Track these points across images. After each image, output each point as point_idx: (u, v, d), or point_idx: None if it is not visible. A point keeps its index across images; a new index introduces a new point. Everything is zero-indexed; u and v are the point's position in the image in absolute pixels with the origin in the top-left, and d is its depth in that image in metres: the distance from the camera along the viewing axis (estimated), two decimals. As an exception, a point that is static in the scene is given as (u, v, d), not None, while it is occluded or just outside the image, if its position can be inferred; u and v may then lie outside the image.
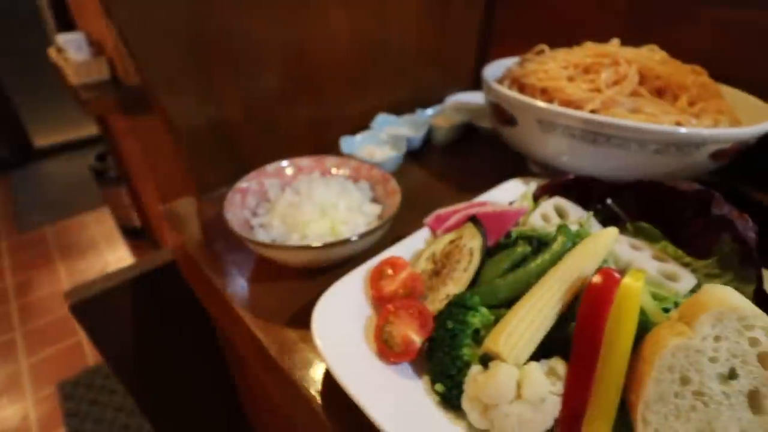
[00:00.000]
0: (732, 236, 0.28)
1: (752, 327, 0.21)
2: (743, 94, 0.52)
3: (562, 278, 0.26)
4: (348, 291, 0.32)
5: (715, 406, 0.20)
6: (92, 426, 1.40)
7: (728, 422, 0.20)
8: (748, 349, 0.21)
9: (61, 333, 1.73)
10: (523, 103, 0.47)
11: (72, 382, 1.53)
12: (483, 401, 0.23)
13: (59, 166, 2.47)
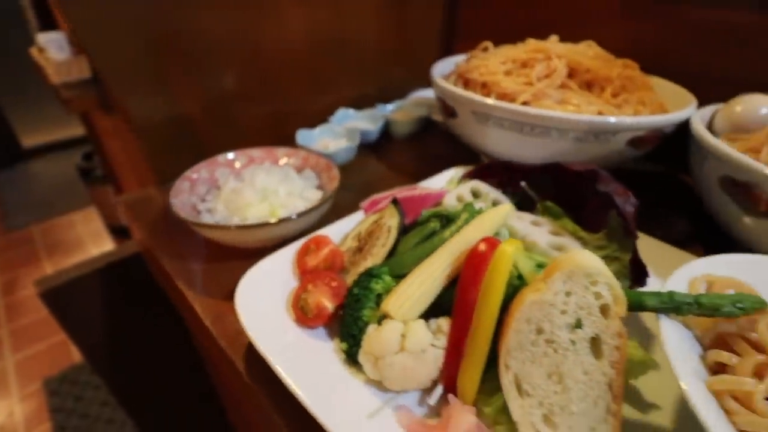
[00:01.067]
0: (616, 211, 0.32)
1: (596, 283, 0.24)
2: (678, 87, 0.55)
3: (452, 248, 0.29)
4: (275, 267, 0.35)
5: (563, 351, 0.24)
6: (78, 421, 1.42)
7: (573, 365, 0.23)
8: (593, 301, 0.24)
9: (47, 331, 1.75)
10: (459, 96, 0.50)
11: (57, 379, 1.55)
12: (374, 354, 0.27)
13: (46, 166, 2.49)
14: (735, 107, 0.48)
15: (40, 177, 2.44)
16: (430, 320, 0.28)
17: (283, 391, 0.27)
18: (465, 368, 0.26)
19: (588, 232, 0.34)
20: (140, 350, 0.73)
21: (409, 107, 0.73)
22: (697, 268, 0.29)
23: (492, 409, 0.25)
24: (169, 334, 0.72)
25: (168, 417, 0.82)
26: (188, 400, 0.81)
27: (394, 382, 0.26)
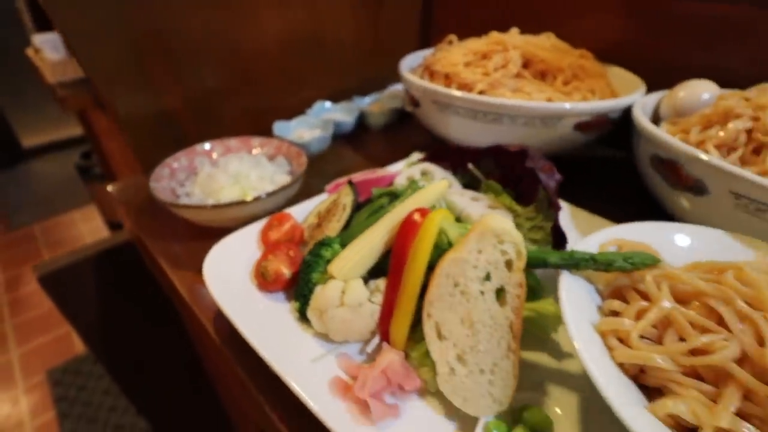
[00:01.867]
0: (540, 185, 0.35)
1: (503, 242, 0.28)
2: (633, 76, 0.59)
3: (391, 219, 0.33)
4: (242, 241, 0.39)
5: (474, 300, 0.28)
6: (81, 409, 1.48)
7: (482, 312, 0.27)
8: (499, 258, 0.28)
9: (49, 324, 1.81)
10: (419, 87, 0.54)
11: (61, 369, 1.61)
12: (319, 309, 0.31)
13: (47, 166, 2.54)
14: (678, 93, 0.51)
15: (40, 176, 2.50)
16: (370, 281, 0.32)
17: (245, 347, 0.31)
18: (396, 320, 0.30)
19: (522, 206, 0.38)
20: (133, 330, 0.77)
21: (384, 100, 0.77)
22: (610, 233, 0.33)
23: (418, 354, 0.29)
24: (159, 315, 0.77)
25: (161, 393, 0.87)
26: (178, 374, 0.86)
27: (337, 333, 0.31)
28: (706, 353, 0.23)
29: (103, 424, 1.44)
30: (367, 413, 0.26)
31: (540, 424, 0.26)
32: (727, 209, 0.35)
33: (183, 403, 0.91)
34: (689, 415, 0.21)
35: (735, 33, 0.53)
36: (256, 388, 0.31)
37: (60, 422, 1.44)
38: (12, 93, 2.33)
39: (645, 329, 0.25)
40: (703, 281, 0.26)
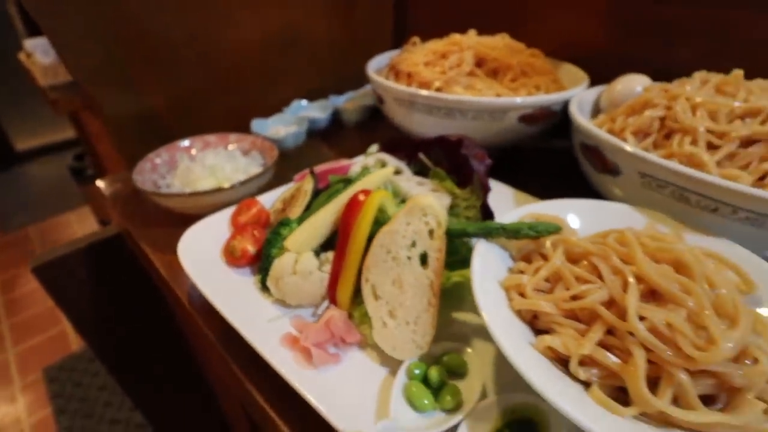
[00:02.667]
0: (472, 169, 0.41)
1: (427, 215, 0.33)
2: (583, 72, 0.64)
3: (341, 199, 0.38)
4: (214, 224, 0.44)
5: (402, 264, 0.33)
6: (77, 405, 1.52)
7: (408, 274, 0.32)
8: (424, 228, 0.33)
9: (45, 324, 1.85)
10: (381, 85, 0.59)
11: (57, 367, 1.65)
12: (276, 277, 0.36)
13: (40, 169, 2.58)
14: (616, 86, 0.56)
15: (34, 179, 2.54)
16: (322, 254, 0.38)
17: (215, 315, 0.36)
18: (341, 284, 0.35)
19: (460, 189, 0.43)
20: (124, 319, 0.82)
21: (359, 97, 0.82)
22: (530, 208, 0.38)
23: (359, 313, 0.34)
24: (148, 305, 0.81)
25: (152, 381, 0.91)
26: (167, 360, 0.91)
27: (291, 297, 0.36)
28: (588, 302, 0.28)
29: (99, 418, 1.48)
30: (311, 359, 0.31)
31: (455, 366, 0.31)
32: (636, 187, 0.40)
33: (175, 390, 0.96)
34: (561, 347, 0.26)
35: (683, 32, 0.59)
36: (226, 350, 0.36)
37: (56, 418, 1.48)
38: (5, 97, 2.37)
39: (538, 283, 0.30)
40: (592, 244, 0.31)
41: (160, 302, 0.81)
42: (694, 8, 0.57)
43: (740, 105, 0.41)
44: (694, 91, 0.45)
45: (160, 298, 0.79)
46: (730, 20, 0.55)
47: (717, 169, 0.38)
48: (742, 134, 0.39)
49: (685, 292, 0.26)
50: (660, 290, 0.26)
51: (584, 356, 0.25)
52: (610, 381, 0.25)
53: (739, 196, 0.33)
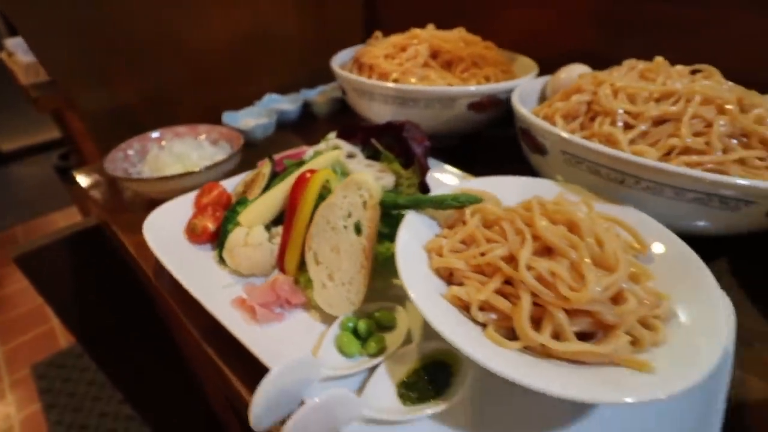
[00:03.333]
0: (411, 151, 0.45)
1: (362, 188, 0.37)
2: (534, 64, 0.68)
3: (291, 178, 0.42)
4: (179, 206, 0.48)
5: (339, 233, 0.37)
6: (66, 399, 1.55)
7: (344, 241, 0.36)
8: (358, 200, 0.37)
9: (33, 322, 1.87)
10: (341, 76, 0.63)
11: (45, 364, 1.67)
12: (229, 249, 0.40)
13: (26, 169, 2.59)
14: (560, 75, 0.60)
15: (20, 180, 2.55)
16: (273, 228, 0.41)
17: (177, 286, 0.39)
18: (288, 253, 0.39)
19: (405, 169, 0.47)
20: (106, 306, 0.85)
21: (330, 90, 0.86)
22: (465, 184, 0.42)
23: (304, 279, 0.38)
24: (130, 292, 0.85)
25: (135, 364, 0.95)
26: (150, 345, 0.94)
27: (243, 267, 0.39)
28: (488, 259, 0.32)
29: (88, 412, 1.51)
30: (256, 317, 0.35)
31: (385, 321, 0.35)
32: (560, 164, 0.45)
33: (158, 375, 1.00)
34: (464, 295, 0.30)
35: (630, 26, 0.63)
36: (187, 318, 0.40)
37: (46, 413, 1.51)
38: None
39: (454, 245, 0.34)
40: (503, 211, 0.35)
41: (142, 290, 0.85)
42: (642, 5, 0.62)
43: (656, 88, 0.45)
44: (619, 77, 0.49)
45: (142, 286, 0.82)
46: (673, 16, 0.60)
47: (629, 146, 0.42)
48: (653, 114, 0.43)
49: (571, 246, 0.30)
50: (551, 246, 0.31)
51: (482, 302, 0.30)
52: (504, 323, 0.29)
53: (639, 168, 0.38)
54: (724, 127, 0.41)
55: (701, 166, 0.39)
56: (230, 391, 0.35)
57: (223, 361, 0.36)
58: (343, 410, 0.25)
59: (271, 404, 0.25)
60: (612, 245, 0.31)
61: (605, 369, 0.26)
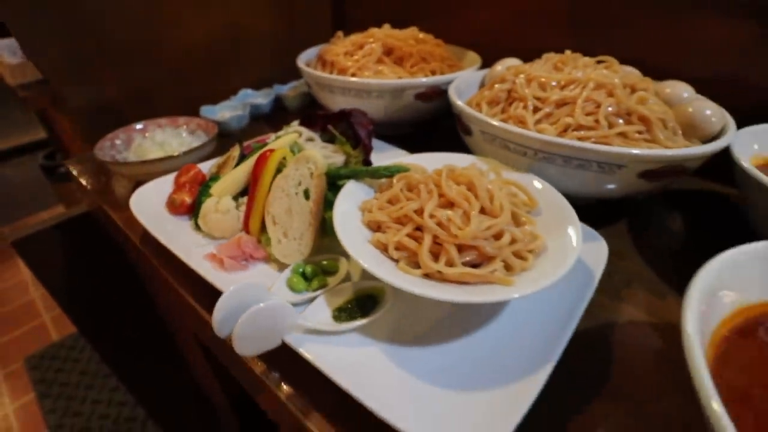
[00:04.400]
0: (359, 134, 0.53)
1: (309, 162, 0.46)
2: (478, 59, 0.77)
3: (254, 158, 0.51)
4: (160, 185, 0.56)
5: (292, 198, 0.45)
6: (59, 389, 1.61)
7: (296, 204, 0.45)
8: (306, 172, 0.46)
9: (25, 317, 1.92)
10: (305, 72, 0.71)
11: (38, 356, 1.73)
12: (203, 216, 0.48)
13: (11, 170, 2.62)
14: (496, 67, 0.69)
15: (6, 181, 2.57)
16: (240, 198, 0.50)
17: (159, 249, 0.48)
18: (251, 218, 0.47)
19: (353, 150, 0.56)
20: (100, 288, 0.93)
21: (299, 86, 0.94)
22: (402, 159, 0.51)
23: (265, 238, 0.47)
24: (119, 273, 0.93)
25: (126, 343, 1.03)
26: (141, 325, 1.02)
27: (215, 230, 0.48)
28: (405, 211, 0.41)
29: (82, 400, 1.58)
30: (224, 266, 0.43)
31: (329, 267, 0.44)
32: (480, 142, 0.54)
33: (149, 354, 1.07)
34: (384, 239, 0.39)
35: (574, 23, 0.73)
36: (168, 274, 0.48)
37: (40, 402, 1.57)
38: (-28, 99, 2.40)
39: (382, 204, 0.43)
40: (422, 176, 0.44)
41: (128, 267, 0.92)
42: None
43: (562, 77, 0.55)
44: (536, 68, 0.58)
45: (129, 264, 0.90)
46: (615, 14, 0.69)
47: (535, 125, 0.52)
48: (555, 99, 0.52)
49: (465, 200, 0.39)
50: (451, 200, 0.40)
51: (396, 243, 0.39)
52: (413, 259, 0.38)
53: (534, 142, 0.47)
54: (611, 107, 0.50)
55: (588, 140, 0.49)
56: (204, 329, 0.43)
57: (200, 305, 0.44)
58: (284, 319, 0.34)
59: (229, 315, 0.33)
60: (500, 199, 0.40)
61: (483, 286, 0.35)
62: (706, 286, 0.28)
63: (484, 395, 0.32)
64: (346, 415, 0.33)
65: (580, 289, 0.40)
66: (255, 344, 0.33)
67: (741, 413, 0.24)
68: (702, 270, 0.29)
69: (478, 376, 0.33)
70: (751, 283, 0.31)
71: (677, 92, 0.58)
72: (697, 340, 0.25)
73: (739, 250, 0.31)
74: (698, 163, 0.48)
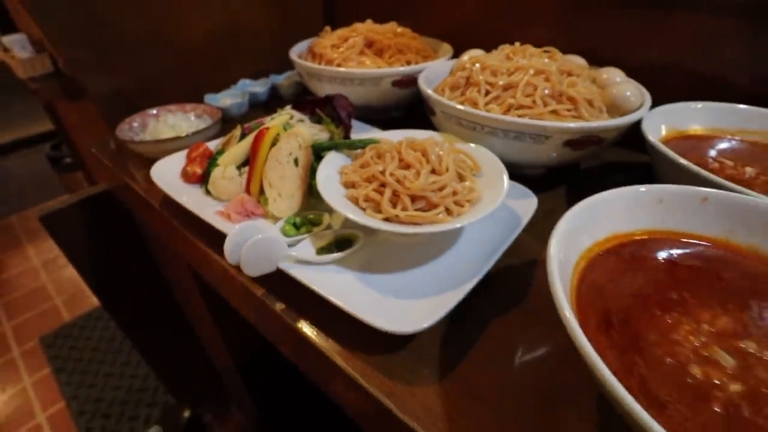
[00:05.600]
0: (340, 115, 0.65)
1: (298, 137, 0.57)
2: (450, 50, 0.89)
3: (253, 135, 0.62)
4: (175, 159, 0.67)
5: (284, 166, 0.57)
6: (73, 364, 1.75)
7: (287, 171, 0.57)
8: (296, 144, 0.57)
9: (37, 301, 2.05)
10: (297, 63, 0.83)
11: (51, 335, 1.87)
12: (213, 182, 0.60)
13: (19, 161, 2.73)
14: (463, 57, 0.81)
15: (13, 172, 2.69)
16: (243, 168, 0.62)
17: (177, 209, 0.59)
18: (252, 183, 0.59)
19: (336, 129, 0.67)
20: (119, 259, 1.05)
21: (294, 75, 1.05)
22: (374, 135, 0.63)
23: (263, 199, 0.59)
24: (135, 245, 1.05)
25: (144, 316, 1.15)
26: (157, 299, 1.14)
27: (222, 194, 0.60)
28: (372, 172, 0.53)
29: (95, 374, 1.71)
30: (231, 219, 0.55)
31: (315, 219, 0.55)
32: (441, 121, 0.65)
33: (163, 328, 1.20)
34: (356, 193, 0.51)
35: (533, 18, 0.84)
36: (182, 227, 0.60)
37: (56, 375, 1.71)
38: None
39: (355, 168, 0.55)
40: (387, 146, 0.56)
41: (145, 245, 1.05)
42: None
43: (511, 65, 0.66)
44: (491, 57, 0.70)
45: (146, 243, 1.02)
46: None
47: (485, 106, 0.63)
48: (502, 83, 0.64)
49: (419, 162, 0.51)
50: (407, 162, 0.51)
51: (365, 196, 0.50)
52: (377, 208, 0.50)
53: (478, 118, 0.59)
54: (547, 90, 0.62)
55: (525, 117, 0.60)
56: (213, 268, 0.55)
57: (212, 250, 0.56)
58: (278, 250, 0.46)
59: (236, 247, 0.45)
60: (446, 162, 0.52)
61: (429, 225, 0.47)
62: (578, 220, 0.40)
63: (427, 300, 0.44)
64: (328, 319, 0.45)
65: (509, 230, 0.52)
66: (257, 267, 0.46)
67: (594, 303, 0.36)
68: (575, 207, 0.41)
69: (425, 289, 0.45)
70: (620, 217, 0.43)
71: (611, 77, 0.69)
72: (556, 261, 0.36)
73: (610, 192, 0.43)
74: (613, 134, 0.59)
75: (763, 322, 0.36)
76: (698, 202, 0.43)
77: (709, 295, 0.38)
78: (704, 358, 0.32)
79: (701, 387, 0.30)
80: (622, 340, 0.34)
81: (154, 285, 1.15)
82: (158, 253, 1.09)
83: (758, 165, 0.59)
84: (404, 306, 0.43)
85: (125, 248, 1.07)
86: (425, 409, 0.37)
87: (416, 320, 0.41)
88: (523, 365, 0.41)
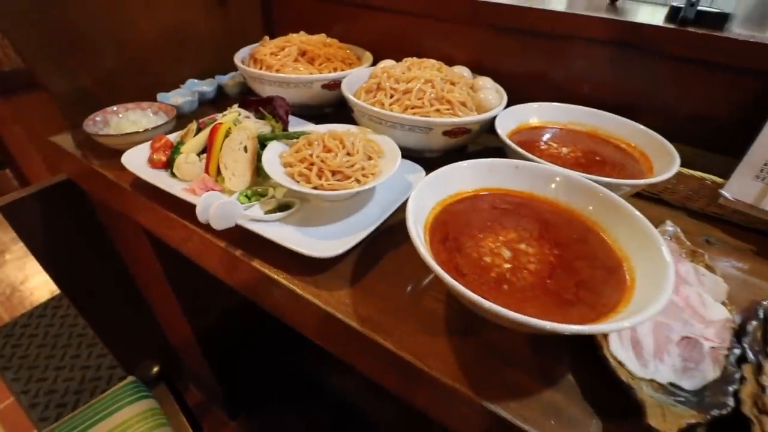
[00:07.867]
0: (279, 113, 0.85)
1: (246, 129, 0.76)
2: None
3: (209, 129, 0.80)
4: (141, 149, 0.83)
5: (236, 152, 0.76)
6: (19, 361, 1.76)
7: (239, 155, 0.76)
8: (245, 135, 0.76)
9: (-32, 304, 1.99)
10: (241, 69, 1.00)
11: None
12: (177, 166, 0.77)
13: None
14: (378, 66, 1.03)
15: None
16: (201, 155, 0.79)
17: (148, 188, 0.76)
18: (210, 166, 0.77)
19: (277, 123, 0.87)
20: (80, 247, 1.15)
21: (238, 76, 1.22)
22: (308, 128, 0.83)
23: (220, 179, 0.77)
24: (95, 236, 1.16)
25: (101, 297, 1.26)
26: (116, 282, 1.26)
27: (186, 175, 0.77)
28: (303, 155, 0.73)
29: (44, 368, 1.74)
30: (195, 193, 0.73)
31: (262, 192, 0.75)
32: (359, 118, 0.88)
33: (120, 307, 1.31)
34: (291, 171, 0.71)
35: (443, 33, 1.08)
36: (154, 202, 0.77)
37: (1, 374, 1.71)
38: None
39: (291, 153, 0.75)
40: (315, 135, 0.77)
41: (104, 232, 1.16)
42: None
43: (410, 74, 0.89)
44: (396, 68, 0.93)
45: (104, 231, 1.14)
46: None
47: (389, 106, 0.86)
48: (402, 89, 0.87)
49: (336, 147, 0.73)
50: (329, 147, 0.73)
51: (298, 172, 0.71)
52: (308, 180, 0.71)
53: (382, 115, 0.81)
54: (433, 94, 0.86)
55: (416, 114, 0.84)
56: (179, 230, 0.73)
57: (178, 216, 0.74)
58: (236, 211, 0.65)
59: (204, 209, 0.64)
60: (357, 147, 0.74)
61: (344, 191, 0.69)
62: (435, 180, 0.64)
63: (343, 239, 0.66)
64: (274, 257, 0.65)
65: (402, 194, 0.75)
66: (222, 223, 0.65)
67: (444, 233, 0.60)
68: (433, 173, 0.65)
69: (341, 233, 0.67)
70: (464, 180, 0.68)
71: (484, 83, 0.95)
72: (413, 204, 0.59)
73: (459, 163, 0.67)
74: (476, 126, 0.85)
75: (534, 235, 0.62)
76: (513, 169, 0.69)
77: (509, 223, 0.64)
78: (494, 252, 0.58)
79: (487, 266, 0.55)
80: (451, 247, 0.58)
81: (113, 269, 1.26)
82: (115, 237, 1.21)
83: (572, 146, 0.87)
84: (327, 243, 0.65)
85: (83, 236, 1.17)
86: (340, 303, 0.59)
87: (334, 248, 0.63)
88: (402, 276, 0.65)
